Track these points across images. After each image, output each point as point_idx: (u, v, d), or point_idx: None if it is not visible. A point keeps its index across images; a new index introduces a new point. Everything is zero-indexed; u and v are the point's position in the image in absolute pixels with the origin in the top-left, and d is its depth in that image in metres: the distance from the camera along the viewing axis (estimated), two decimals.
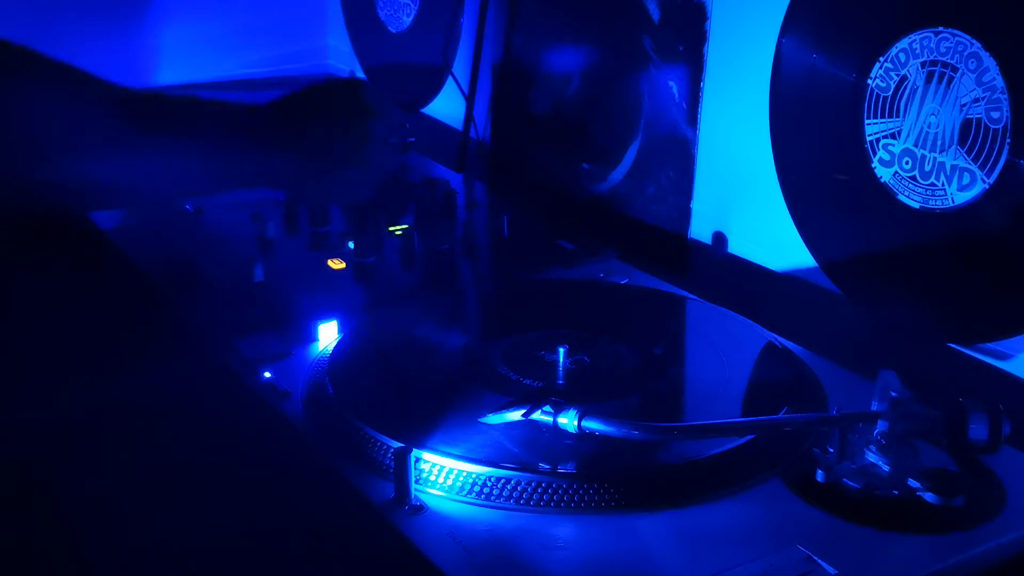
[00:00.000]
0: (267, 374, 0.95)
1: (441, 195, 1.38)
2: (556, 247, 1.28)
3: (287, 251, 1.26)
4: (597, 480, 0.78)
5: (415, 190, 1.41)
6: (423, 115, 1.79)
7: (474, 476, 0.79)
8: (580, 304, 1.13)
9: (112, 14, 1.85)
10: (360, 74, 1.94)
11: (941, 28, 0.98)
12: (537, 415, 0.83)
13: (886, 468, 0.79)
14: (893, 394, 0.81)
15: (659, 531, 0.76)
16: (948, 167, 0.99)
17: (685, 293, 1.16)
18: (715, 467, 0.81)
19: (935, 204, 1.00)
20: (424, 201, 1.36)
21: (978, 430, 0.79)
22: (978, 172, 0.96)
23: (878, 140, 1.05)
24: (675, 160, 1.32)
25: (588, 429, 0.81)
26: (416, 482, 0.78)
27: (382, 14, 1.87)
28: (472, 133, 1.66)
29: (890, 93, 1.03)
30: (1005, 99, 0.93)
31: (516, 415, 0.84)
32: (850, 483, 0.79)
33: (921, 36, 0.99)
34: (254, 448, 0.96)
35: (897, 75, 1.02)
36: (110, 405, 1.13)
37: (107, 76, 0.87)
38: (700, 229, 1.30)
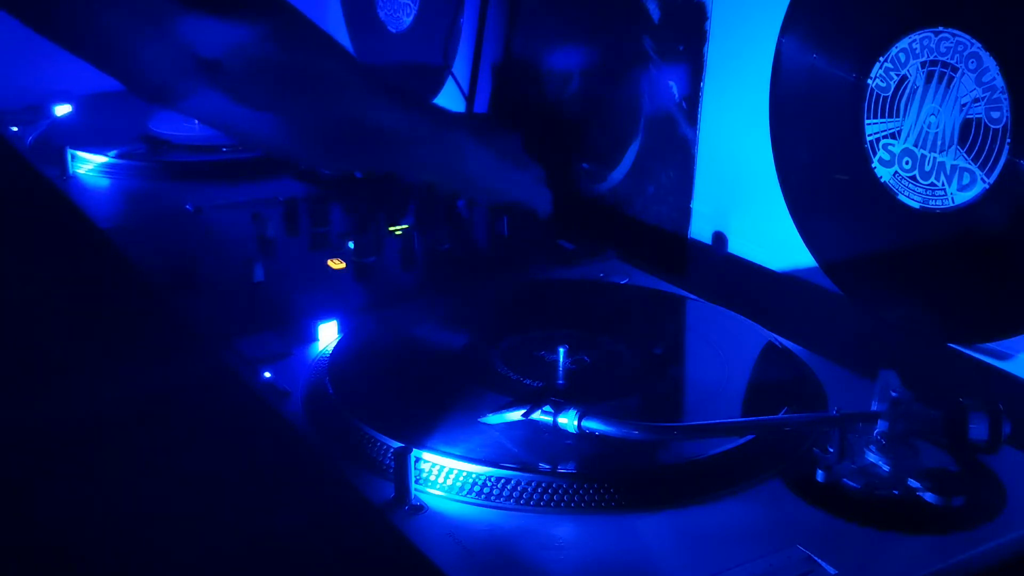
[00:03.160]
0: (267, 374, 0.95)
1: (441, 195, 1.38)
2: (556, 247, 1.28)
3: (287, 251, 1.26)
4: (597, 480, 0.78)
5: (415, 190, 1.41)
6: None
7: (474, 476, 0.79)
8: (580, 304, 1.13)
9: None
10: None
11: (941, 28, 0.98)
12: (537, 415, 0.83)
13: (886, 468, 0.79)
14: (893, 394, 0.81)
15: (659, 531, 0.76)
16: (948, 167, 0.99)
17: (685, 293, 1.16)
18: (715, 467, 0.81)
19: (935, 204, 1.00)
20: (424, 201, 1.36)
21: (978, 430, 0.79)
22: (978, 172, 0.96)
23: (878, 140, 1.05)
24: (675, 160, 1.32)
25: (588, 429, 0.81)
26: (416, 482, 0.78)
27: (382, 14, 1.87)
28: None
29: (890, 93, 1.03)
30: (1005, 99, 0.93)
31: (516, 415, 0.84)
32: (850, 483, 0.79)
33: (921, 36, 0.99)
34: (254, 448, 0.96)
35: (897, 75, 1.02)
36: (110, 405, 1.13)
37: None
38: (700, 229, 1.30)
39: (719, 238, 1.29)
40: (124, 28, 0.88)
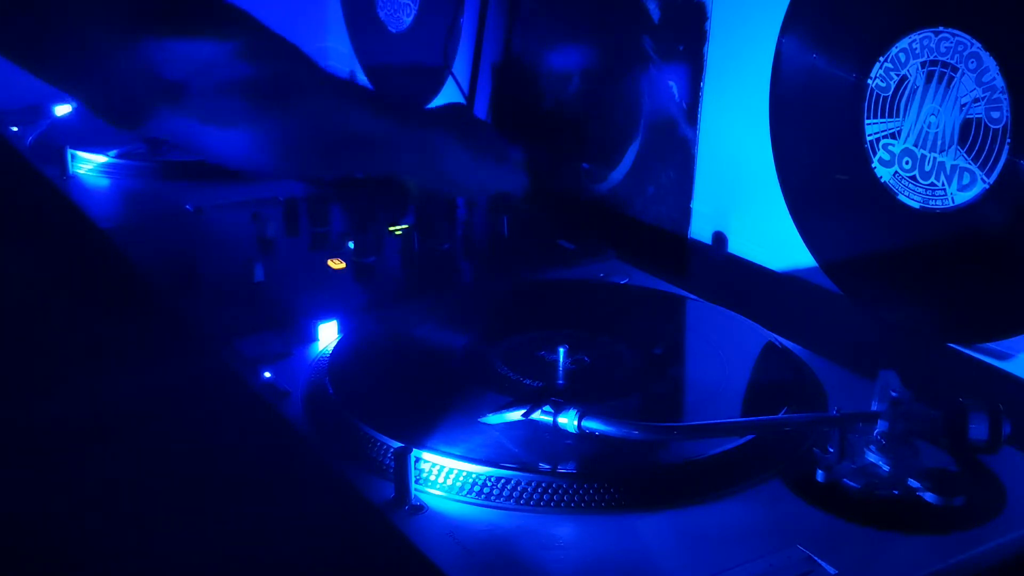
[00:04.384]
0: (267, 374, 0.95)
1: (441, 195, 1.38)
2: (556, 247, 1.28)
3: (287, 251, 1.26)
4: (597, 480, 0.78)
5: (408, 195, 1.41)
6: None
7: (474, 476, 0.79)
8: (580, 304, 1.13)
9: None
10: (360, 75, 1.94)
11: (941, 28, 0.98)
12: (537, 415, 0.83)
13: (886, 468, 0.79)
14: (893, 394, 0.81)
15: (659, 531, 0.76)
16: (948, 167, 0.99)
17: (685, 293, 1.16)
18: (715, 467, 0.81)
19: (935, 204, 1.00)
20: (424, 201, 1.36)
21: (978, 430, 0.80)
22: (978, 172, 0.96)
23: (878, 140, 1.05)
24: (675, 160, 1.31)
25: (588, 429, 0.81)
26: (416, 482, 0.78)
27: (382, 14, 1.87)
28: None
29: (890, 93, 1.03)
30: (1005, 99, 0.93)
31: (516, 415, 0.84)
32: (850, 483, 0.79)
33: (921, 36, 0.99)
34: (254, 448, 0.96)
35: (897, 75, 1.02)
36: (110, 405, 1.13)
37: None
38: (700, 229, 1.30)
39: (719, 238, 1.29)
40: (87, 51, 0.87)
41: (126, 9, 0.87)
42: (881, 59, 1.03)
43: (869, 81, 1.05)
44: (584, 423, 0.81)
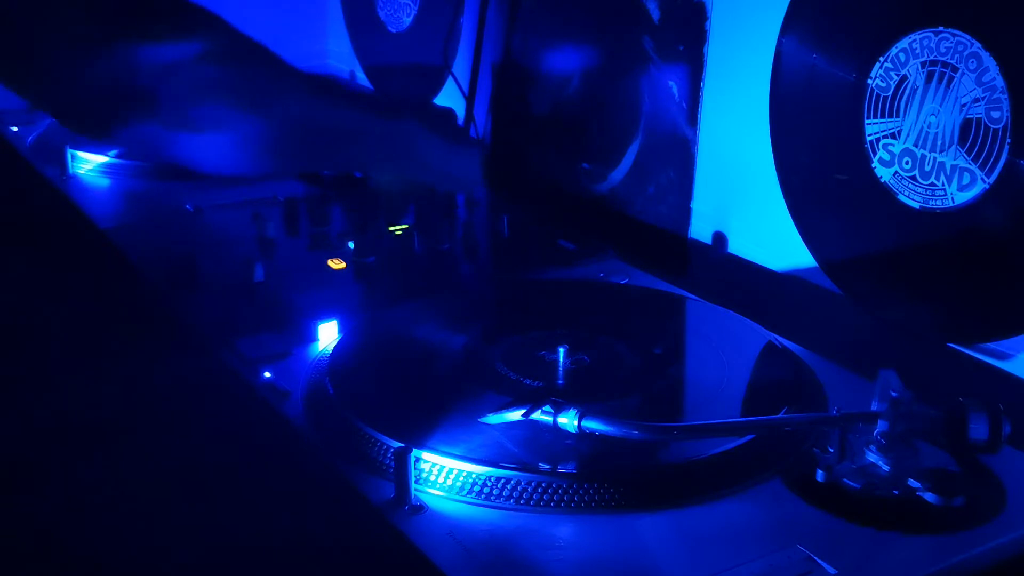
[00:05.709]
0: (267, 374, 0.95)
1: (441, 195, 1.38)
2: (556, 247, 1.28)
3: (287, 251, 1.26)
4: (597, 480, 0.78)
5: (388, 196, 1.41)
6: None
7: (474, 476, 0.79)
8: (580, 304, 1.13)
9: None
10: (360, 74, 1.94)
11: (941, 28, 0.98)
12: (537, 415, 0.83)
13: (886, 468, 0.79)
14: (893, 394, 0.81)
15: (659, 531, 0.76)
16: (948, 167, 0.99)
17: (685, 293, 1.16)
18: (715, 467, 0.81)
19: (935, 204, 1.00)
20: (424, 201, 1.37)
21: (978, 430, 0.80)
22: (978, 172, 0.96)
23: (878, 140, 1.05)
24: (675, 160, 1.31)
25: (588, 429, 0.81)
26: (416, 482, 0.78)
27: (382, 14, 1.87)
28: (472, 133, 1.66)
29: (890, 93, 1.03)
30: (1005, 99, 0.93)
31: (516, 415, 0.84)
32: (850, 483, 0.79)
33: (921, 36, 0.99)
34: (254, 448, 0.96)
35: (897, 75, 1.02)
36: (110, 405, 1.13)
37: None
38: (700, 229, 1.30)
39: (719, 238, 1.29)
40: (51, 60, 0.86)
41: (90, 16, 0.86)
42: (881, 59, 1.03)
43: (869, 81, 1.05)
44: (584, 423, 0.81)
